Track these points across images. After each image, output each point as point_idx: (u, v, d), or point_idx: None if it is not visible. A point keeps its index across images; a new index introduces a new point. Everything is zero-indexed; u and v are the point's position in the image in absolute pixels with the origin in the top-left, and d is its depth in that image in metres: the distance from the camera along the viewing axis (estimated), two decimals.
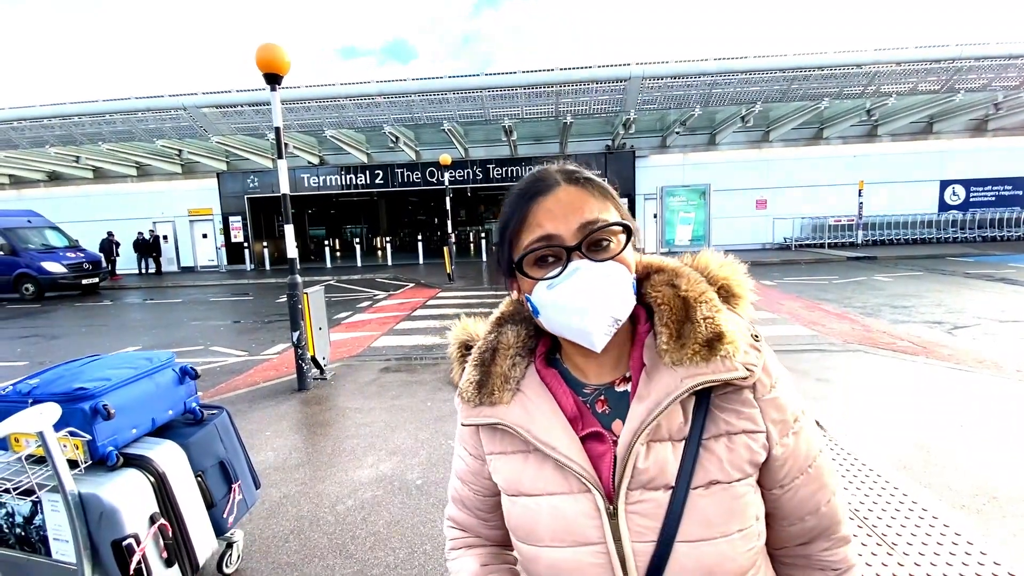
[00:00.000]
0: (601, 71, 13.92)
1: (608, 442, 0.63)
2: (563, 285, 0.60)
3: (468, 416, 0.72)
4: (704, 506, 0.59)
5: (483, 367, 0.71)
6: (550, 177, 0.64)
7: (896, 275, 10.74)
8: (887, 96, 14.36)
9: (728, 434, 0.61)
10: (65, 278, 13.58)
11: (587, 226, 0.60)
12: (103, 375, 1.83)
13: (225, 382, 5.36)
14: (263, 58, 4.48)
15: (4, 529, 1.73)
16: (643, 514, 0.59)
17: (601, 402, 0.67)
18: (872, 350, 5.29)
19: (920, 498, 2.59)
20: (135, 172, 18.98)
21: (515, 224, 0.64)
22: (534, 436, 0.65)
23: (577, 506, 0.62)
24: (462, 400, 0.72)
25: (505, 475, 0.69)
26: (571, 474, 0.62)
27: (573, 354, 0.70)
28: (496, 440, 0.71)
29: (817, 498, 0.65)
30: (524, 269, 0.63)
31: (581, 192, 0.63)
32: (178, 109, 14.83)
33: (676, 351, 0.62)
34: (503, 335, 0.73)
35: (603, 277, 0.60)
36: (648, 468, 0.60)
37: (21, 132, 15.57)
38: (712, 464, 0.60)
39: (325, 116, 15.20)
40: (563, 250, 0.61)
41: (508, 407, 0.68)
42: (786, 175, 17.36)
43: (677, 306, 0.64)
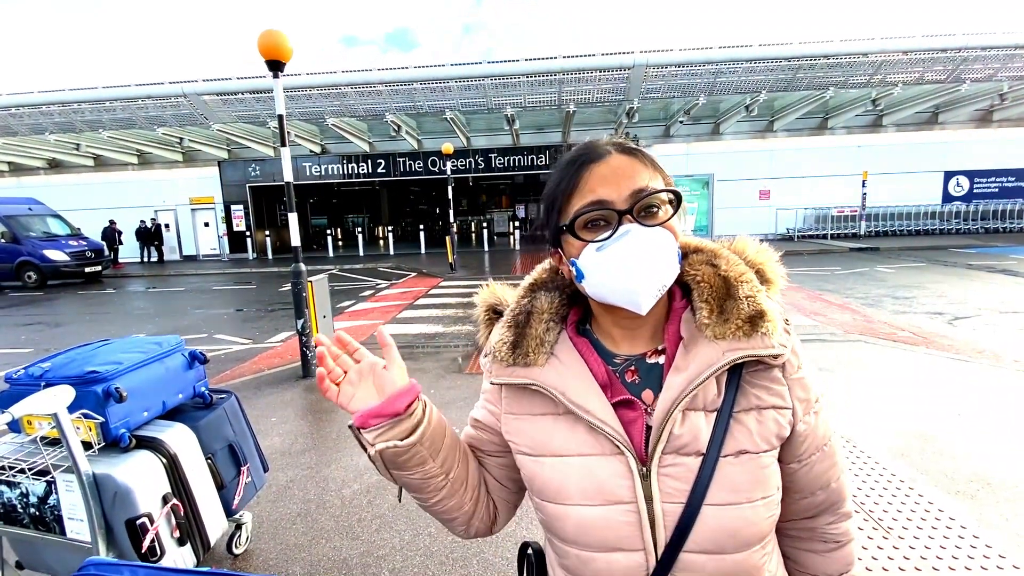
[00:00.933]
0: (605, 59, 13.80)
1: (639, 409, 0.66)
2: (614, 247, 0.62)
3: (499, 375, 0.72)
4: (732, 473, 0.62)
5: (517, 329, 0.72)
6: (601, 146, 0.66)
7: (898, 266, 10.73)
8: (893, 86, 14.24)
9: (758, 408, 0.65)
10: (68, 266, 13.62)
11: (638, 192, 0.62)
12: (115, 359, 1.85)
13: (230, 369, 5.40)
14: (265, 44, 4.46)
15: (19, 509, 1.77)
16: (675, 477, 0.62)
17: (631, 372, 0.70)
18: (873, 340, 5.31)
19: (916, 484, 2.63)
20: (136, 160, 18.92)
21: (566, 189, 0.65)
22: (569, 399, 0.66)
23: (609, 467, 0.64)
24: (494, 360, 0.73)
25: (531, 436, 0.70)
26: (604, 437, 0.65)
27: (608, 324, 0.71)
28: (523, 401, 0.72)
29: (829, 475, 0.70)
30: (576, 231, 0.64)
31: (633, 160, 0.64)
32: (178, 96, 14.75)
33: (719, 325, 0.65)
34: (537, 300, 0.74)
35: (653, 241, 0.61)
36: (682, 435, 0.63)
37: (20, 119, 15.50)
38: (742, 435, 0.63)
39: (327, 104, 15.11)
40: (615, 214, 0.62)
41: (542, 369, 0.69)
42: (790, 165, 17.28)
43: (717, 284, 0.67)
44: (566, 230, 0.65)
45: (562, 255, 0.70)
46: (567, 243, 0.67)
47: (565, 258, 0.69)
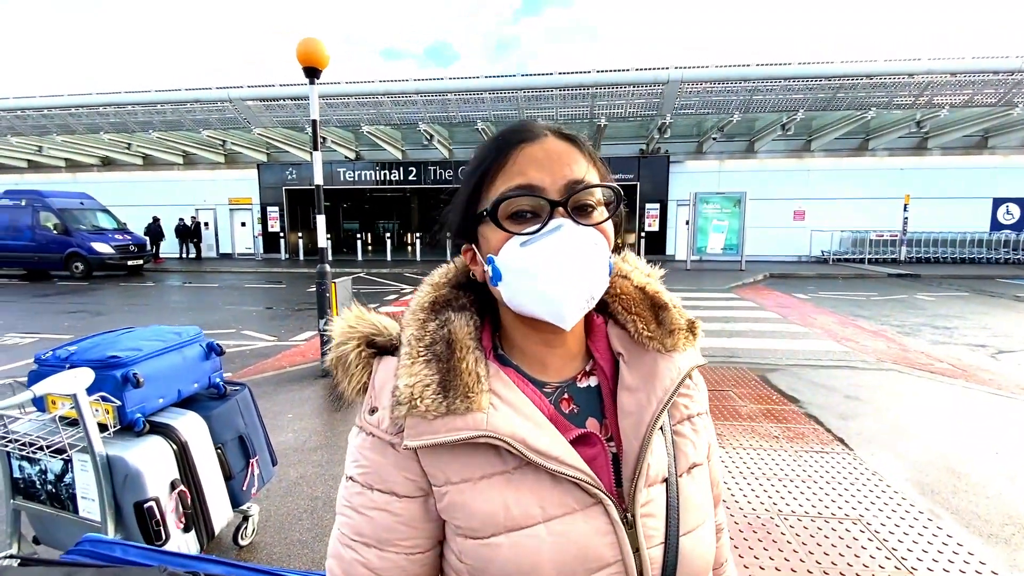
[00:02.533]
0: (639, 74, 13.78)
1: (598, 444, 0.56)
2: (541, 243, 0.51)
3: (422, 434, 0.52)
4: (691, 492, 0.58)
5: (441, 363, 0.54)
6: (536, 127, 0.56)
7: (940, 295, 10.26)
8: (939, 108, 13.74)
9: (689, 418, 0.63)
10: (112, 259, 14.27)
11: (575, 183, 0.53)
12: (135, 345, 1.92)
13: (253, 364, 5.54)
14: (303, 52, 4.62)
15: (37, 485, 1.84)
16: (652, 514, 0.54)
17: (566, 401, 0.59)
18: (907, 370, 5.07)
19: (945, 524, 2.48)
20: (181, 160, 19.80)
21: (490, 168, 0.55)
22: (531, 447, 0.51)
23: (587, 525, 0.52)
24: (412, 412, 0.52)
25: (482, 509, 0.52)
26: (573, 487, 0.52)
27: (528, 344, 0.60)
28: (455, 464, 0.54)
29: (719, 468, 0.71)
30: (497, 218, 0.53)
31: (571, 148, 0.55)
32: (224, 101, 15.39)
33: (667, 337, 0.60)
34: (451, 324, 0.57)
35: (587, 242, 0.52)
36: (655, 462, 0.56)
37: (78, 118, 16.42)
38: (688, 448, 0.60)
39: (363, 112, 15.52)
40: (546, 204, 0.52)
41: (487, 414, 0.53)
42: (827, 186, 16.82)
43: (639, 297, 0.63)
44: (487, 216, 0.53)
45: (475, 252, 0.58)
46: (484, 235, 0.55)
47: (480, 256, 0.57)
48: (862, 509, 2.61)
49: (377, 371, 0.58)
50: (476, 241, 0.57)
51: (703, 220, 15.13)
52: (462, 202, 0.58)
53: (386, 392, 0.56)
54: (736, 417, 3.83)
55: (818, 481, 2.88)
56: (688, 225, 15.42)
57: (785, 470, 3.01)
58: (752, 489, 2.81)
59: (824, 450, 3.28)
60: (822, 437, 3.48)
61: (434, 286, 0.63)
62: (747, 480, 2.90)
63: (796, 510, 2.60)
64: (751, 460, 3.14)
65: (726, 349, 6.05)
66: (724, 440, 3.42)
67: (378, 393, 0.57)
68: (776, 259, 16.77)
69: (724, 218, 15.03)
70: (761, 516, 2.55)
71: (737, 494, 2.76)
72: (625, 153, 17.86)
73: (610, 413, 0.59)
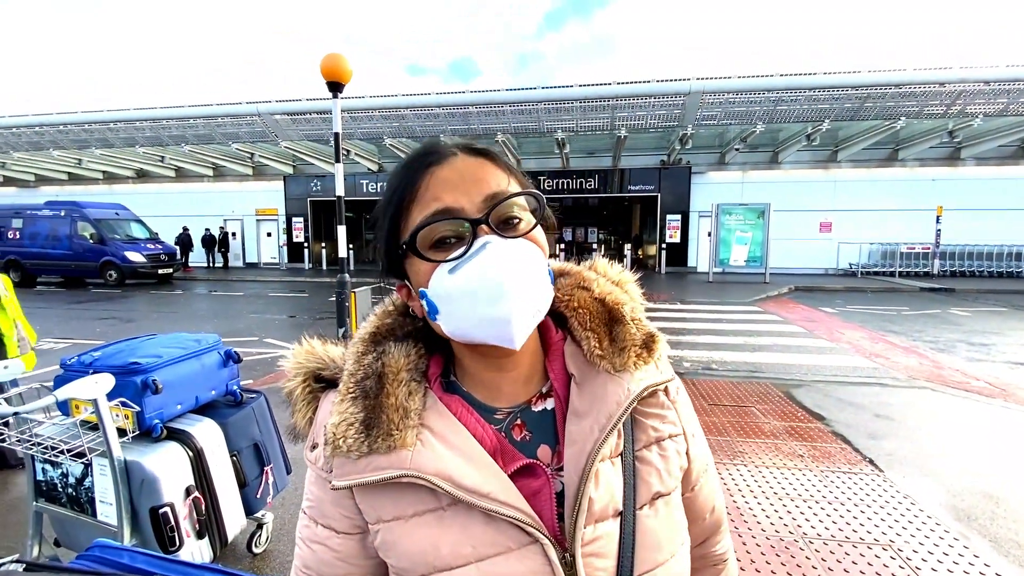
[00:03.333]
0: (660, 85, 13.73)
1: (543, 475, 0.53)
2: (470, 264, 0.48)
3: (348, 474, 0.52)
4: (653, 527, 0.53)
5: (367, 399, 0.53)
6: (443, 147, 0.54)
7: (976, 309, 9.86)
8: (973, 117, 13.33)
9: (658, 441, 0.57)
10: (144, 267, 14.76)
11: (493, 197, 0.50)
12: (156, 352, 1.96)
13: (273, 373, 5.62)
14: (327, 67, 4.73)
15: (59, 488, 1.88)
16: (599, 554, 0.50)
17: (519, 427, 0.56)
18: (941, 388, 4.86)
19: (982, 552, 2.34)
20: (211, 172, 20.46)
21: (402, 199, 0.52)
22: (458, 484, 0.49)
23: (521, 565, 0.49)
24: (336, 451, 0.51)
25: (410, 548, 0.51)
26: (509, 526, 0.50)
27: (478, 369, 0.57)
28: (386, 502, 0.53)
29: (715, 495, 0.65)
30: (418, 249, 0.50)
31: (483, 162, 0.53)
32: (253, 115, 15.87)
33: (616, 356, 0.56)
34: (387, 356, 0.56)
35: (519, 253, 0.49)
36: (601, 496, 0.51)
37: (116, 132, 17.12)
38: (652, 476, 0.55)
39: (386, 125, 15.81)
40: (467, 224, 0.50)
41: (413, 451, 0.51)
42: (854, 197, 16.42)
43: (596, 309, 0.58)
44: (406, 249, 0.51)
45: (409, 288, 0.55)
46: (412, 270, 0.53)
47: (414, 291, 0.54)
48: (892, 534, 2.49)
49: (320, 406, 0.58)
50: (407, 276, 0.55)
51: (726, 232, 14.90)
52: (383, 238, 0.55)
53: (323, 429, 0.55)
54: (759, 434, 3.71)
55: (845, 503, 2.76)
56: (710, 237, 15.20)
57: (811, 491, 2.90)
58: (776, 510, 2.71)
59: (852, 471, 3.15)
60: (850, 457, 3.35)
61: (379, 315, 0.62)
62: (770, 500, 2.80)
63: (822, 533, 2.49)
64: (774, 479, 3.04)
65: (749, 364, 5.90)
66: (746, 458, 3.32)
67: (317, 429, 0.56)
68: (802, 272, 16.38)
69: (747, 230, 14.78)
70: (785, 539, 2.45)
71: (760, 515, 2.66)
72: (646, 164, 17.77)
73: (562, 440, 0.55)
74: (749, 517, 2.64)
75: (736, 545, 2.41)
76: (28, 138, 17.62)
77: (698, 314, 9.14)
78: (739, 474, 3.10)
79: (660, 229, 17.69)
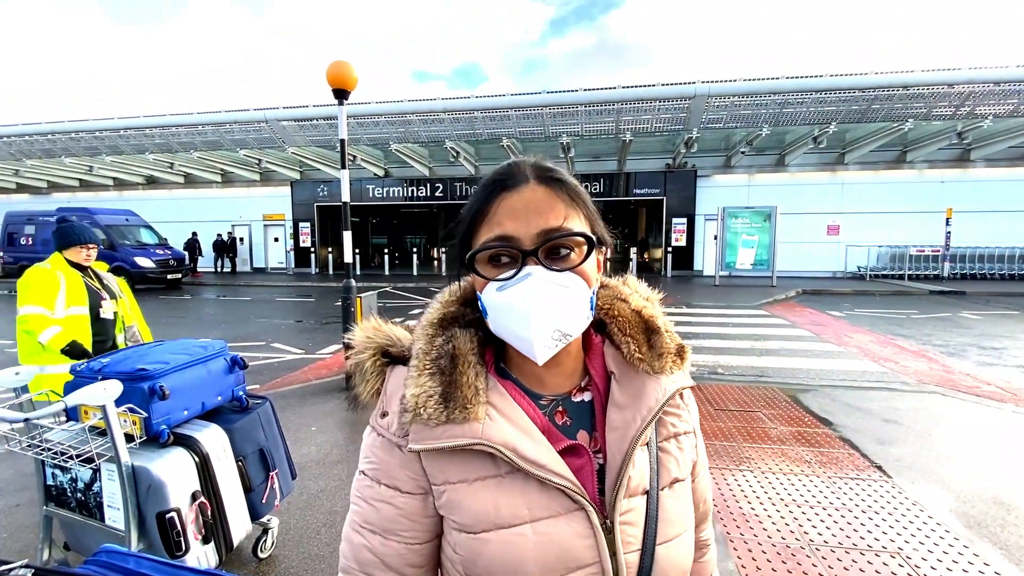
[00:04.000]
0: (665, 89, 13.72)
1: (584, 455, 0.61)
2: (512, 290, 0.57)
3: (425, 439, 0.59)
4: (670, 505, 0.63)
5: (444, 376, 0.60)
6: (520, 172, 0.60)
7: (987, 313, 9.75)
8: (982, 118, 13.21)
9: (675, 435, 0.67)
10: (153, 272, 14.91)
11: (548, 232, 0.57)
12: (163, 358, 1.98)
13: (280, 377, 5.65)
14: (333, 74, 4.78)
15: (68, 493, 1.91)
16: (631, 522, 0.60)
17: (560, 413, 0.65)
18: (951, 393, 4.81)
19: (992, 559, 2.31)
20: (220, 178, 20.65)
21: (475, 217, 0.61)
22: (521, 455, 0.57)
23: (569, 527, 0.57)
24: (416, 419, 0.59)
25: (474, 507, 0.59)
26: (559, 493, 0.58)
27: (527, 362, 0.64)
28: (453, 467, 0.60)
29: (707, 486, 0.75)
30: (476, 267, 0.59)
31: (549, 193, 0.59)
32: (260, 122, 16.02)
33: (656, 360, 0.65)
34: (456, 339, 0.63)
35: (555, 287, 0.57)
36: (636, 475, 0.61)
37: (126, 140, 17.35)
38: (671, 463, 0.65)
39: (392, 130, 15.90)
40: (519, 252, 0.57)
41: (483, 424, 0.59)
42: (862, 200, 16.30)
43: (635, 320, 0.67)
44: (469, 261, 0.60)
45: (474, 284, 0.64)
46: (476, 273, 0.61)
47: (478, 289, 0.62)
48: (901, 542, 2.46)
49: (389, 379, 0.65)
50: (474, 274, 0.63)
51: (732, 235, 14.84)
52: (460, 242, 0.64)
53: (396, 399, 0.62)
54: (765, 440, 3.69)
55: (853, 510, 2.74)
56: (716, 240, 15.14)
57: (817, 497, 2.88)
58: (782, 516, 2.69)
59: (860, 477, 3.12)
60: (858, 463, 3.32)
61: (443, 303, 0.69)
62: (776, 507, 2.78)
63: (829, 540, 2.47)
64: (780, 485, 3.01)
65: (755, 368, 5.86)
66: (752, 464, 3.30)
67: (389, 399, 0.64)
68: (809, 275, 16.27)
69: (754, 233, 14.71)
70: (791, 545, 2.43)
71: (765, 521, 2.64)
72: (651, 168, 17.74)
73: (600, 427, 0.64)
74: (755, 523, 2.62)
75: (742, 551, 2.39)
76: (41, 145, 17.88)
77: (704, 318, 9.09)
78: (745, 480, 3.08)
79: (666, 232, 17.64)
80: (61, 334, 2.67)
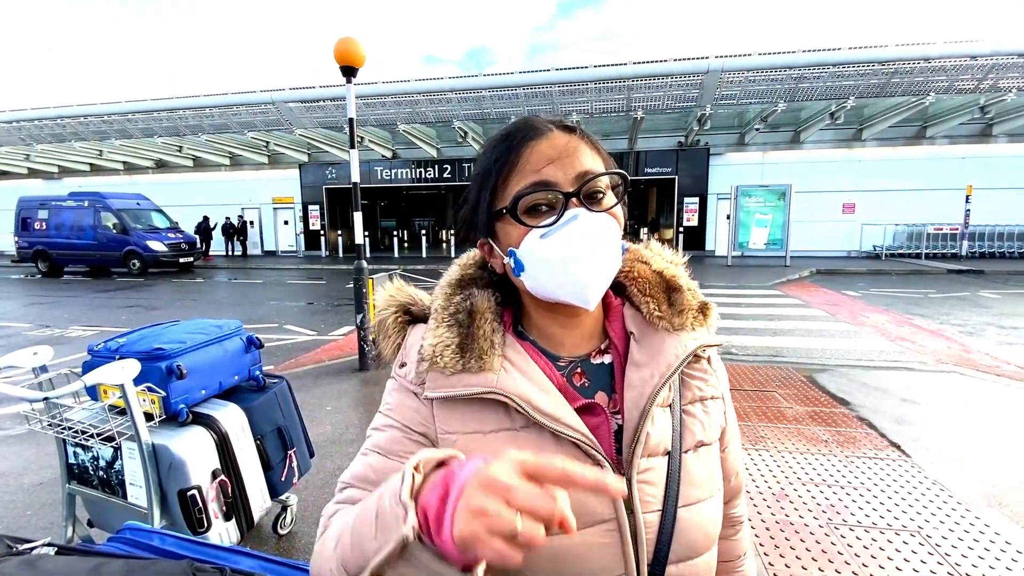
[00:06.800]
0: (677, 65, 13.40)
1: (601, 414, 0.61)
2: (560, 233, 0.56)
3: (440, 387, 0.60)
4: (694, 468, 0.61)
5: (461, 328, 0.61)
6: (540, 123, 0.60)
7: (1007, 292, 9.56)
8: (1006, 92, 12.77)
9: (701, 399, 0.65)
10: (166, 256, 15.04)
11: (585, 174, 0.57)
12: (180, 338, 1.98)
13: (294, 358, 5.69)
14: (340, 51, 4.69)
15: (90, 471, 1.93)
16: (650, 482, 0.59)
17: (579, 375, 0.64)
18: (971, 372, 4.74)
19: (1015, 538, 2.28)
20: (228, 162, 20.64)
21: (502, 169, 0.58)
22: (535, 407, 0.57)
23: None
24: (433, 367, 0.60)
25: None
26: (574, 447, 0.57)
27: (547, 323, 0.65)
28: (467, 418, 0.60)
29: (739, 458, 0.73)
30: (517, 214, 0.57)
31: (575, 139, 0.59)
32: (267, 104, 15.92)
33: (676, 317, 0.64)
34: (474, 298, 0.64)
35: (602, 227, 0.57)
36: (655, 433, 0.60)
37: (135, 123, 17.34)
38: (696, 426, 0.63)
39: (399, 111, 15.74)
40: (560, 197, 0.57)
41: (498, 375, 0.59)
42: (879, 177, 15.95)
43: (656, 280, 0.67)
44: (506, 213, 0.58)
45: (493, 246, 0.63)
46: (503, 231, 0.60)
47: (500, 249, 0.62)
48: (921, 520, 2.44)
49: (409, 334, 0.67)
50: (494, 236, 0.62)
51: (745, 214, 14.61)
52: (478, 201, 0.62)
53: (414, 350, 0.64)
54: (782, 419, 3.66)
55: (872, 489, 2.71)
56: (729, 219, 14.92)
57: (835, 476, 2.85)
58: (799, 495, 2.67)
59: (878, 456, 3.09)
60: (876, 442, 3.28)
61: (462, 266, 0.70)
62: (793, 486, 2.76)
63: (848, 519, 2.45)
64: (797, 465, 2.99)
65: (770, 348, 5.81)
66: (768, 443, 3.28)
67: (408, 351, 0.65)
68: (823, 255, 16.04)
69: (767, 212, 14.47)
70: (809, 524, 2.42)
71: (783, 500, 2.63)
72: (663, 146, 17.46)
73: (620, 389, 0.62)
74: (773, 503, 2.61)
75: (760, 530, 2.38)
76: (51, 130, 17.94)
77: (717, 298, 8.94)
78: (762, 459, 3.06)
79: (677, 212, 17.43)
80: None
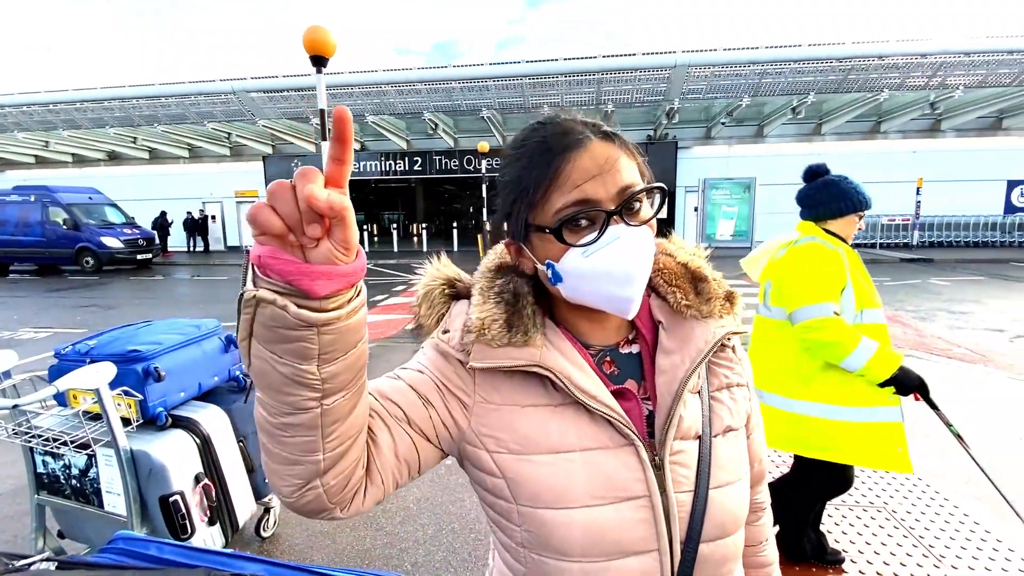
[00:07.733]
0: (645, 59, 13.59)
1: (633, 398, 0.63)
2: (601, 252, 0.56)
3: (486, 358, 0.60)
4: (724, 452, 0.63)
5: (508, 306, 0.62)
6: (577, 129, 0.58)
7: (955, 279, 10.13)
8: (953, 89, 13.47)
9: (728, 386, 0.68)
10: (121, 253, 14.31)
11: (626, 190, 0.57)
12: (155, 339, 1.91)
13: None
14: (310, 40, 4.55)
15: (61, 480, 1.84)
16: (683, 464, 0.60)
17: (608, 363, 0.66)
18: (925, 356, 5.01)
19: (971, 509, 2.45)
20: (187, 154, 19.79)
21: (541, 181, 0.57)
22: (575, 384, 0.59)
23: (618, 460, 0.59)
24: (480, 338, 0.61)
25: (522, 430, 0.60)
26: (609, 425, 0.60)
27: (578, 320, 0.66)
28: (506, 390, 0.62)
29: (763, 444, 0.75)
30: (562, 235, 0.57)
31: (614, 148, 0.58)
32: (228, 93, 15.34)
33: (703, 305, 0.66)
34: (515, 282, 0.65)
35: (641, 243, 0.57)
36: (687, 417, 0.62)
37: (84, 113, 16.44)
38: (724, 412, 0.65)
39: (367, 102, 15.43)
40: (602, 214, 0.56)
41: (541, 351, 0.61)
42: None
43: (681, 271, 0.69)
44: (549, 232, 0.57)
45: (523, 250, 0.63)
46: (540, 244, 0.60)
47: (535, 256, 0.61)
48: (886, 496, 2.58)
49: (454, 308, 0.68)
50: (529, 243, 0.62)
51: (712, 206, 15.01)
52: (511, 210, 0.62)
53: (458, 320, 0.65)
54: None
55: None
56: (697, 212, 15.29)
57: None
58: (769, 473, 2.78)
59: None
60: None
61: (499, 255, 0.71)
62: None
63: None
64: None
65: None
66: None
67: (452, 320, 0.66)
68: None
69: (734, 204, 14.89)
70: None
71: None
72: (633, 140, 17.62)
73: (649, 376, 0.65)
74: None
75: None
76: None
77: None
78: None
79: None
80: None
